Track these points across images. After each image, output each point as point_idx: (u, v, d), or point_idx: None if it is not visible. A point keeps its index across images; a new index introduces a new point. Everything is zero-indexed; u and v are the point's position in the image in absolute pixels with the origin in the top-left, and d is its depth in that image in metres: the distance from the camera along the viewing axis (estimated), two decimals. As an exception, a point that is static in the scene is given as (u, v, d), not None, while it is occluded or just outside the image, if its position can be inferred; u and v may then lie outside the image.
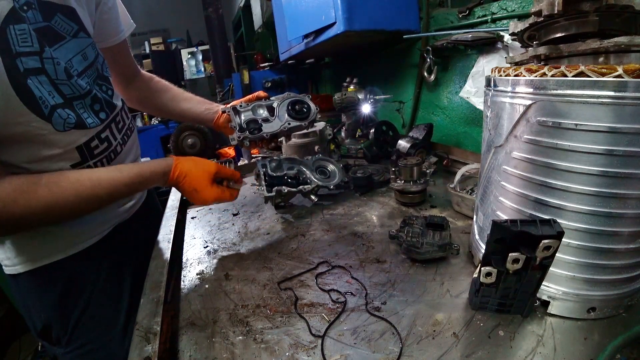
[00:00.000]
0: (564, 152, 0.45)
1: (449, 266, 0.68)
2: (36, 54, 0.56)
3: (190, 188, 0.72)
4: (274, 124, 0.91)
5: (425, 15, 1.32)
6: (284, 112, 0.93)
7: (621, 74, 0.39)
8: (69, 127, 0.62)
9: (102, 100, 0.71)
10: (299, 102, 0.96)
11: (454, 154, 1.24)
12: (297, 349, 0.51)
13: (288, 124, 0.92)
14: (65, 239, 0.70)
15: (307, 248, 0.80)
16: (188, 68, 5.37)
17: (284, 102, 0.95)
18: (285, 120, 0.92)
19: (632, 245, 0.47)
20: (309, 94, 0.99)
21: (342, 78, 1.52)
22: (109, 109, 0.73)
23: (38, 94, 0.57)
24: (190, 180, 0.72)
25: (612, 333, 0.48)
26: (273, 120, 0.91)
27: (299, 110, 0.94)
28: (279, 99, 0.96)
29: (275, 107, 0.93)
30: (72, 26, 0.64)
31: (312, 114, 0.95)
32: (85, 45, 0.67)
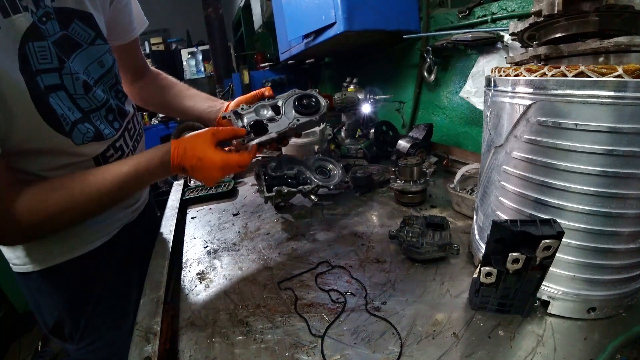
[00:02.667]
0: (564, 152, 0.45)
1: (449, 266, 0.68)
2: (55, 70, 0.56)
3: (193, 159, 0.66)
4: (282, 122, 0.82)
5: (425, 15, 1.32)
6: (291, 109, 0.84)
7: (621, 74, 0.39)
8: (88, 140, 0.63)
9: (115, 109, 0.71)
10: (307, 97, 0.87)
11: (454, 154, 1.24)
12: (297, 349, 0.51)
13: (297, 120, 0.83)
14: (74, 240, 0.70)
15: (307, 248, 0.80)
16: (188, 68, 5.37)
17: (290, 99, 0.87)
18: (293, 117, 0.84)
19: (632, 245, 0.47)
20: (316, 89, 0.90)
21: (342, 78, 1.52)
22: (121, 117, 0.73)
23: (60, 111, 0.57)
24: (190, 150, 0.66)
25: (612, 333, 0.48)
26: (280, 118, 0.83)
27: (307, 104, 0.86)
28: (284, 97, 0.88)
29: (280, 105, 0.85)
30: (90, 33, 0.63)
31: (323, 108, 0.86)
32: (102, 52, 0.67)
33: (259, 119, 0.81)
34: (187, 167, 0.66)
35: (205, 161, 0.66)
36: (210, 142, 0.68)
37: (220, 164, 0.67)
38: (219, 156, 0.66)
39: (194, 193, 1.22)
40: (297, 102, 0.85)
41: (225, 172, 0.68)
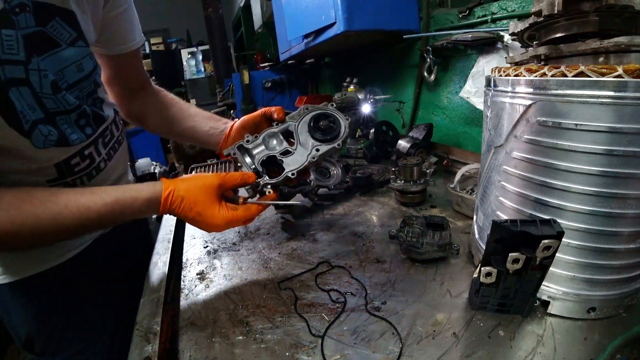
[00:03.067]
0: (564, 152, 0.45)
1: (449, 266, 0.68)
2: (21, 63, 0.51)
3: (191, 213, 0.58)
4: (298, 156, 0.67)
5: (425, 15, 1.32)
6: (306, 134, 0.70)
7: (621, 74, 0.39)
8: (50, 145, 0.56)
9: (91, 114, 0.63)
10: (323, 116, 0.71)
11: (454, 154, 1.24)
12: (297, 349, 0.51)
13: (316, 150, 0.68)
14: (40, 253, 0.65)
15: (307, 248, 0.80)
16: (188, 68, 5.37)
17: (304, 121, 0.71)
18: (311, 146, 0.68)
19: (632, 245, 0.47)
20: (331, 103, 0.74)
21: (342, 78, 1.52)
22: (97, 123, 0.65)
23: (19, 107, 0.51)
24: (188, 203, 0.57)
25: (612, 333, 0.48)
26: (295, 150, 0.68)
27: (326, 127, 0.70)
28: (295, 117, 0.72)
29: (293, 131, 0.70)
30: (71, 33, 0.57)
31: (344, 130, 0.70)
32: (82, 55, 0.60)
33: (270, 153, 0.68)
34: (181, 216, 0.59)
35: (205, 217, 0.58)
36: (215, 195, 0.60)
37: (223, 224, 0.59)
38: (222, 215, 0.59)
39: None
40: (312, 123, 0.70)
41: (228, 227, 0.61)
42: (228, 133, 0.79)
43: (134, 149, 5.66)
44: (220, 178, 0.61)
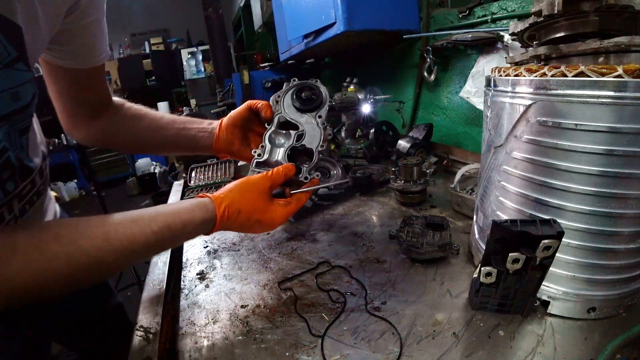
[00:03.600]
0: (564, 152, 0.45)
1: (449, 266, 0.68)
2: None
3: (250, 222, 0.56)
4: (311, 131, 0.69)
5: (425, 15, 1.31)
6: (297, 113, 0.72)
7: (621, 74, 0.39)
8: None
9: (15, 163, 0.48)
10: (300, 91, 0.73)
11: (454, 154, 1.24)
12: (297, 349, 0.51)
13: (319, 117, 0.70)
14: None
15: (307, 248, 0.80)
16: (188, 68, 5.37)
17: (287, 104, 0.72)
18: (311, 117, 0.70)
19: (632, 245, 0.47)
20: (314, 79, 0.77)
21: (342, 78, 1.52)
22: (22, 176, 0.51)
23: None
24: (246, 214, 0.55)
25: (612, 333, 0.48)
26: (304, 129, 0.69)
27: (309, 97, 0.72)
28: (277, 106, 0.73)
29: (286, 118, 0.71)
30: (9, 52, 0.42)
31: (325, 94, 0.73)
32: (21, 81, 0.45)
33: (289, 146, 0.68)
34: (237, 228, 0.57)
35: (265, 222, 0.57)
36: (268, 198, 0.59)
37: (282, 222, 0.59)
38: (280, 214, 0.58)
39: (194, 193, 1.22)
40: (296, 98, 0.73)
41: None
42: (217, 133, 0.74)
43: (134, 149, 5.67)
44: (270, 179, 0.59)
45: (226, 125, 0.74)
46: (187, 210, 0.51)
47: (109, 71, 5.88)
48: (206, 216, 0.52)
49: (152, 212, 0.49)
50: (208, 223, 0.53)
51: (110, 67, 5.91)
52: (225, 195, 0.55)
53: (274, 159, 0.67)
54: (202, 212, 0.52)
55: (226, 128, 0.74)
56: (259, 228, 0.59)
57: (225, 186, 0.58)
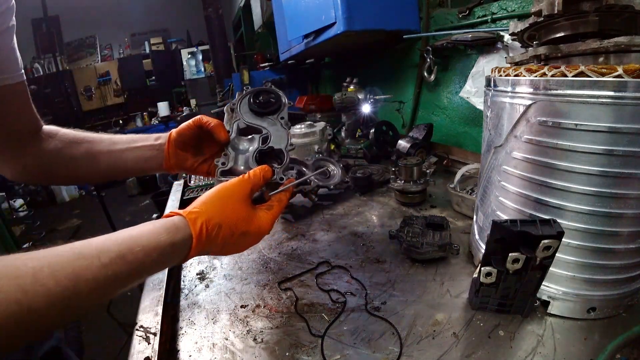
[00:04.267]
0: (564, 152, 0.45)
1: (449, 266, 0.68)
2: None
3: (235, 237, 0.48)
4: (276, 132, 0.66)
5: (425, 15, 1.32)
6: (258, 118, 0.67)
7: (621, 74, 0.39)
8: None
9: None
10: (256, 96, 0.69)
11: (454, 154, 1.24)
12: (297, 349, 0.51)
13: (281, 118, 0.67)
14: None
15: (307, 248, 0.80)
16: (188, 68, 5.37)
17: (244, 111, 0.67)
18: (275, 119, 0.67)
19: (632, 245, 0.47)
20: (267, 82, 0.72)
21: (342, 78, 1.52)
22: None
23: None
24: (229, 228, 0.47)
25: (612, 333, 0.48)
26: (268, 132, 0.66)
27: (267, 101, 0.68)
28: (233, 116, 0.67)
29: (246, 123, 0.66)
30: None
31: (284, 98, 0.69)
32: None
33: (256, 150, 0.63)
34: (218, 248, 0.48)
35: (251, 233, 0.50)
36: (250, 205, 0.51)
37: (269, 229, 0.52)
38: (265, 220, 0.51)
39: (194, 193, 1.22)
40: (254, 103, 0.68)
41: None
42: (167, 150, 0.64)
43: (134, 149, 5.67)
44: (249, 183, 0.52)
45: (176, 142, 0.65)
46: (150, 233, 0.41)
47: (109, 71, 5.89)
48: (176, 238, 0.42)
49: (103, 240, 0.38)
50: (181, 246, 0.42)
51: (110, 67, 5.91)
52: (200, 208, 0.46)
53: (241, 166, 0.62)
54: (171, 234, 0.42)
55: (176, 145, 0.65)
56: (245, 242, 0.51)
57: (199, 198, 0.49)
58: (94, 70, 5.81)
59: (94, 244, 0.37)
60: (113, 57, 6.14)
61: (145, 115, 6.07)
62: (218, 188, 0.50)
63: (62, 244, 0.36)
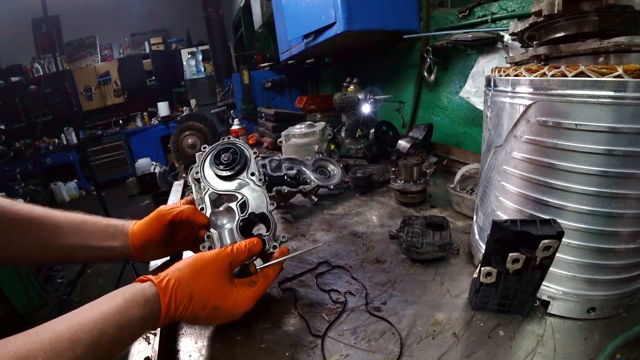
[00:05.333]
0: (564, 152, 0.45)
1: (449, 266, 0.68)
2: None
3: (204, 311, 0.46)
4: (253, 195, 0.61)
5: (425, 15, 1.32)
6: (227, 183, 0.63)
7: (621, 74, 0.39)
8: None
9: None
10: (217, 157, 0.64)
11: (454, 154, 1.24)
12: (297, 349, 0.51)
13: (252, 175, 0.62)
14: None
15: (307, 248, 0.80)
16: (188, 68, 5.37)
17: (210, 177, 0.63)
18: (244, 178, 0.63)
19: (632, 245, 0.47)
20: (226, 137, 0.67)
21: (342, 78, 1.52)
22: None
23: None
24: (200, 299, 0.45)
25: (612, 333, 0.48)
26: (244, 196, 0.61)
27: (230, 160, 0.63)
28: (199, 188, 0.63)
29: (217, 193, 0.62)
30: None
31: (249, 153, 0.65)
32: None
33: (237, 222, 0.58)
34: (189, 319, 0.46)
35: (225, 309, 0.47)
36: (228, 278, 0.49)
37: (248, 307, 0.50)
38: (243, 298, 0.49)
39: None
40: (216, 162, 0.64)
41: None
42: (134, 254, 0.59)
43: (133, 149, 5.67)
44: (229, 256, 0.49)
45: (143, 247, 0.59)
46: (122, 309, 0.39)
47: (109, 71, 5.89)
48: (145, 312, 0.41)
49: (74, 329, 0.36)
50: (151, 318, 0.42)
51: (110, 67, 5.91)
52: (172, 275, 0.44)
53: (228, 243, 0.57)
54: (140, 308, 0.40)
55: (145, 246, 0.59)
56: (217, 317, 0.48)
57: (175, 264, 0.48)
58: (94, 70, 5.81)
59: (66, 335, 0.35)
60: (113, 57, 6.14)
61: (145, 115, 6.07)
62: (195, 257, 0.48)
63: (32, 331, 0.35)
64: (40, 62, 5.55)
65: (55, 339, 0.34)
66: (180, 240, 0.64)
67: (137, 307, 0.40)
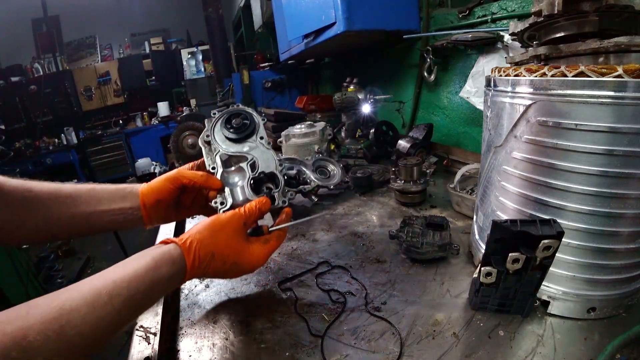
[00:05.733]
0: (564, 152, 0.45)
1: (449, 266, 0.68)
2: None
3: (225, 266, 0.51)
4: (262, 155, 0.64)
5: (425, 15, 1.32)
6: (238, 145, 0.65)
7: (621, 74, 0.39)
8: None
9: None
10: (228, 121, 0.66)
11: (454, 154, 1.24)
12: (297, 349, 0.51)
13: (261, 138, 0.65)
14: None
15: (307, 248, 0.80)
16: (188, 68, 5.37)
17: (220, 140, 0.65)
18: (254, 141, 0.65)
19: (632, 245, 0.47)
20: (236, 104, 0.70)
21: (342, 78, 1.52)
22: None
23: None
24: (220, 257, 0.50)
25: (612, 333, 0.48)
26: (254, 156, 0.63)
27: (240, 124, 0.65)
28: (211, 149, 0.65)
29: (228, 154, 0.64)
30: None
31: (257, 119, 0.67)
32: None
33: (248, 179, 0.61)
34: (212, 274, 0.52)
35: (243, 265, 0.52)
36: (244, 237, 0.53)
37: (263, 262, 0.54)
38: (259, 254, 0.53)
39: (194, 193, 1.22)
40: (227, 127, 0.65)
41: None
42: (144, 215, 0.60)
43: (133, 149, 5.67)
44: (244, 216, 0.53)
45: (153, 208, 0.60)
46: (151, 268, 0.44)
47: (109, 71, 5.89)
48: (173, 270, 0.46)
49: (112, 285, 0.40)
50: (177, 276, 0.46)
51: (110, 67, 5.91)
52: (194, 237, 0.49)
53: (240, 200, 0.61)
54: (169, 266, 0.45)
55: (156, 207, 0.60)
56: (237, 272, 0.53)
57: (194, 226, 0.52)
58: (94, 70, 5.80)
59: (104, 291, 0.39)
60: (113, 57, 6.14)
61: (145, 115, 6.07)
62: (212, 219, 0.52)
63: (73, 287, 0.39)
64: (40, 62, 5.55)
65: (95, 294, 0.39)
66: (189, 204, 0.67)
67: (166, 266, 0.45)
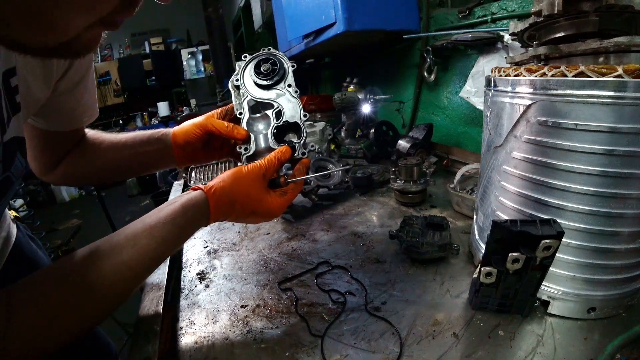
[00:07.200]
0: (564, 152, 0.45)
1: (449, 266, 0.68)
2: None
3: (245, 213, 0.55)
4: (288, 105, 0.63)
5: (425, 15, 1.32)
6: (264, 91, 0.65)
7: (621, 74, 0.39)
8: None
9: None
10: (257, 67, 0.65)
11: (454, 154, 1.24)
12: (297, 349, 0.51)
13: (289, 86, 0.64)
14: None
15: (307, 248, 0.80)
16: (188, 68, 5.37)
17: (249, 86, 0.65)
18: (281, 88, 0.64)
19: (632, 245, 0.47)
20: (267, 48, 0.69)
21: (342, 78, 1.52)
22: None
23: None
24: (241, 205, 0.54)
25: (612, 333, 0.48)
26: (280, 105, 0.63)
27: (270, 70, 0.65)
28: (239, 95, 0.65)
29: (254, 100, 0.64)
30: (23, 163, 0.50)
31: (287, 63, 0.66)
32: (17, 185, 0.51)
33: (273, 127, 0.62)
34: (232, 219, 0.57)
35: (262, 213, 0.56)
36: (264, 187, 0.56)
37: (280, 211, 0.58)
38: (276, 204, 0.56)
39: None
40: (256, 74, 0.65)
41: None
42: (176, 154, 0.68)
43: (134, 149, 5.67)
44: (263, 168, 0.56)
45: (183, 147, 0.68)
46: (180, 213, 0.50)
47: (109, 71, 5.89)
48: (198, 214, 0.51)
49: (148, 228, 0.47)
50: (202, 219, 0.52)
51: (111, 67, 5.92)
52: (218, 185, 0.53)
53: (262, 147, 0.62)
54: (195, 211, 0.51)
55: (186, 149, 0.68)
56: (256, 219, 0.58)
57: (219, 176, 0.56)
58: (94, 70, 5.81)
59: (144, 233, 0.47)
60: (113, 57, 6.14)
61: (145, 115, 6.07)
62: (235, 169, 0.57)
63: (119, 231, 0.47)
64: (40, 62, 5.54)
65: (136, 235, 0.46)
66: (217, 146, 0.72)
67: (192, 210, 0.51)
